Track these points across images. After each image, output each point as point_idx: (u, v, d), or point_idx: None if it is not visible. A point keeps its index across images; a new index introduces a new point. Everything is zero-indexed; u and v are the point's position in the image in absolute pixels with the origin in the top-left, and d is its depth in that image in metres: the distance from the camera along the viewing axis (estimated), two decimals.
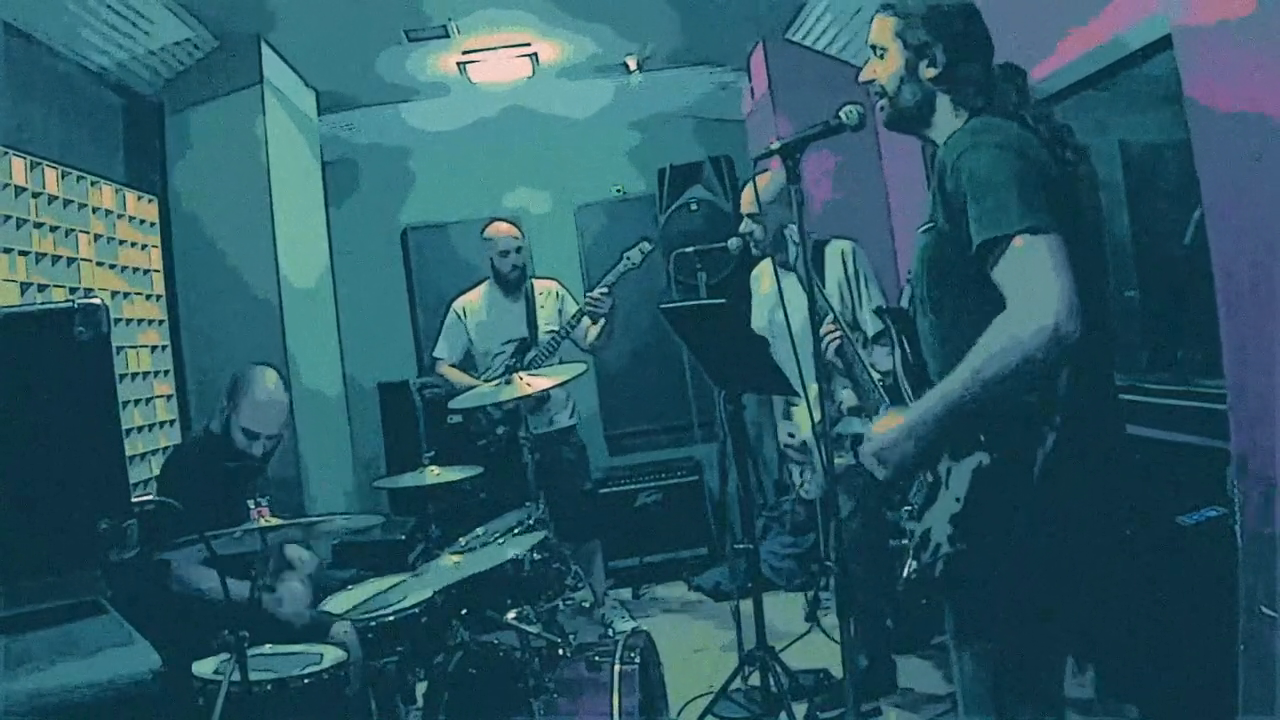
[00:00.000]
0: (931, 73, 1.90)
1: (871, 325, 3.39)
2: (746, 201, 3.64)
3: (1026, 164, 1.71)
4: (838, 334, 2.67)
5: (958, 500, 1.76)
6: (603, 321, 4.36)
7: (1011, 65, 1.93)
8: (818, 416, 2.10)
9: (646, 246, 4.33)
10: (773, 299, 3.53)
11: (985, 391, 1.67)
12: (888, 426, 1.84)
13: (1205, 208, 2.30)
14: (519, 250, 4.57)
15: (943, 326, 1.86)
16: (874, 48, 1.98)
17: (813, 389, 2.30)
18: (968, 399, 1.70)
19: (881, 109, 2.00)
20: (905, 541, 1.89)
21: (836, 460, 2.02)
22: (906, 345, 1.98)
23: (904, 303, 2.01)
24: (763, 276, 3.80)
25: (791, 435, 3.58)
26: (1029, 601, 1.76)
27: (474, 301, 4.64)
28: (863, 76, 2.02)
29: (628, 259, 4.30)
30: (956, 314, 1.81)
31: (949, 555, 1.76)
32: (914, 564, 1.84)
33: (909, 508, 1.89)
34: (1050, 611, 1.79)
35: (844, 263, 3.52)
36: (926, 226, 1.86)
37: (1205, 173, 2.30)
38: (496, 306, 4.59)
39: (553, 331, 4.44)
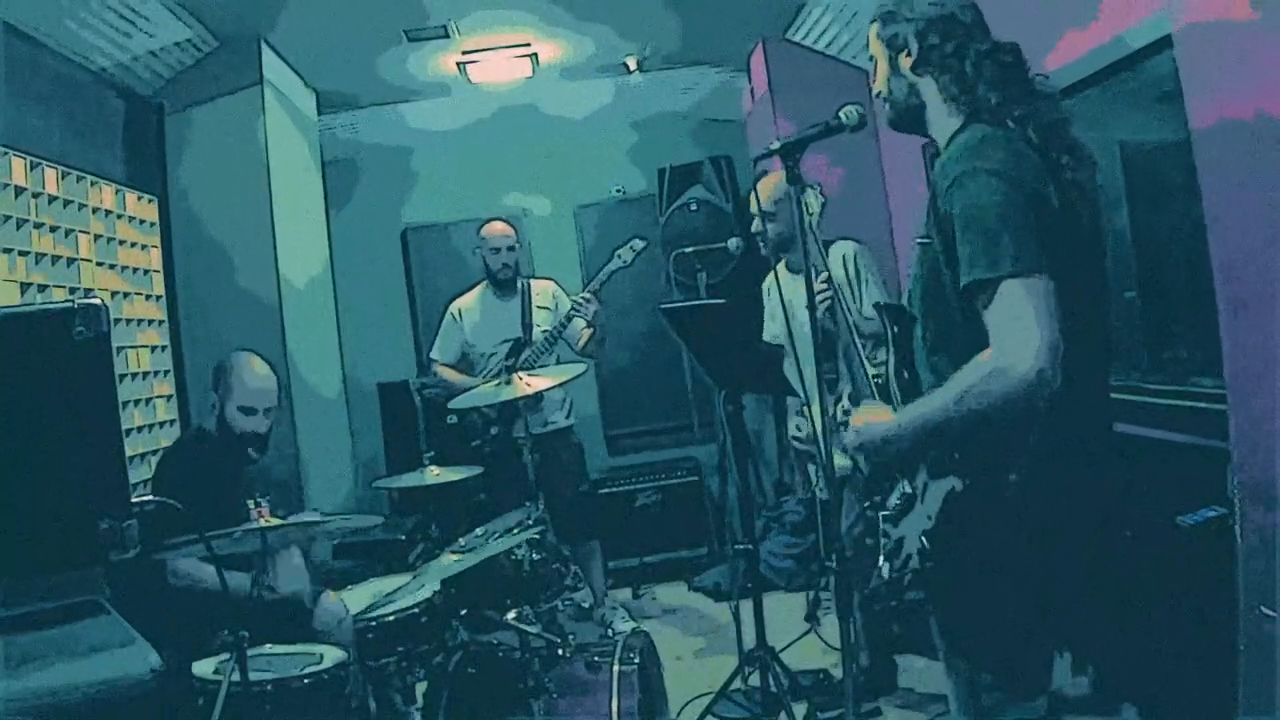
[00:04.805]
0: (909, 60, 1.91)
1: (871, 326, 3.39)
2: (765, 197, 3.60)
3: (1019, 195, 1.69)
4: (829, 292, 2.65)
5: (929, 519, 1.79)
6: (592, 329, 4.33)
7: (1015, 61, 1.89)
8: (822, 416, 2.10)
9: (638, 244, 4.30)
10: (782, 304, 3.52)
11: (963, 420, 1.70)
12: (868, 420, 1.87)
13: (1205, 208, 2.30)
14: (510, 249, 4.55)
15: (934, 338, 1.87)
16: (872, 59, 2.00)
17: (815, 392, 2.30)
18: (945, 424, 1.73)
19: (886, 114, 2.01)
20: (882, 541, 1.91)
21: (838, 464, 2.02)
22: (900, 345, 1.98)
23: (904, 301, 2.01)
24: (772, 286, 3.78)
25: (799, 429, 3.58)
26: (998, 622, 1.79)
27: (469, 303, 4.64)
28: (873, 89, 2.03)
29: (619, 257, 4.27)
30: (947, 328, 1.82)
31: (916, 570, 1.80)
32: (886, 567, 1.88)
33: (887, 512, 1.91)
34: (1021, 633, 1.81)
35: (844, 264, 3.51)
36: (923, 240, 1.86)
37: (1205, 173, 2.30)
38: (491, 307, 4.59)
39: (547, 331, 4.44)
